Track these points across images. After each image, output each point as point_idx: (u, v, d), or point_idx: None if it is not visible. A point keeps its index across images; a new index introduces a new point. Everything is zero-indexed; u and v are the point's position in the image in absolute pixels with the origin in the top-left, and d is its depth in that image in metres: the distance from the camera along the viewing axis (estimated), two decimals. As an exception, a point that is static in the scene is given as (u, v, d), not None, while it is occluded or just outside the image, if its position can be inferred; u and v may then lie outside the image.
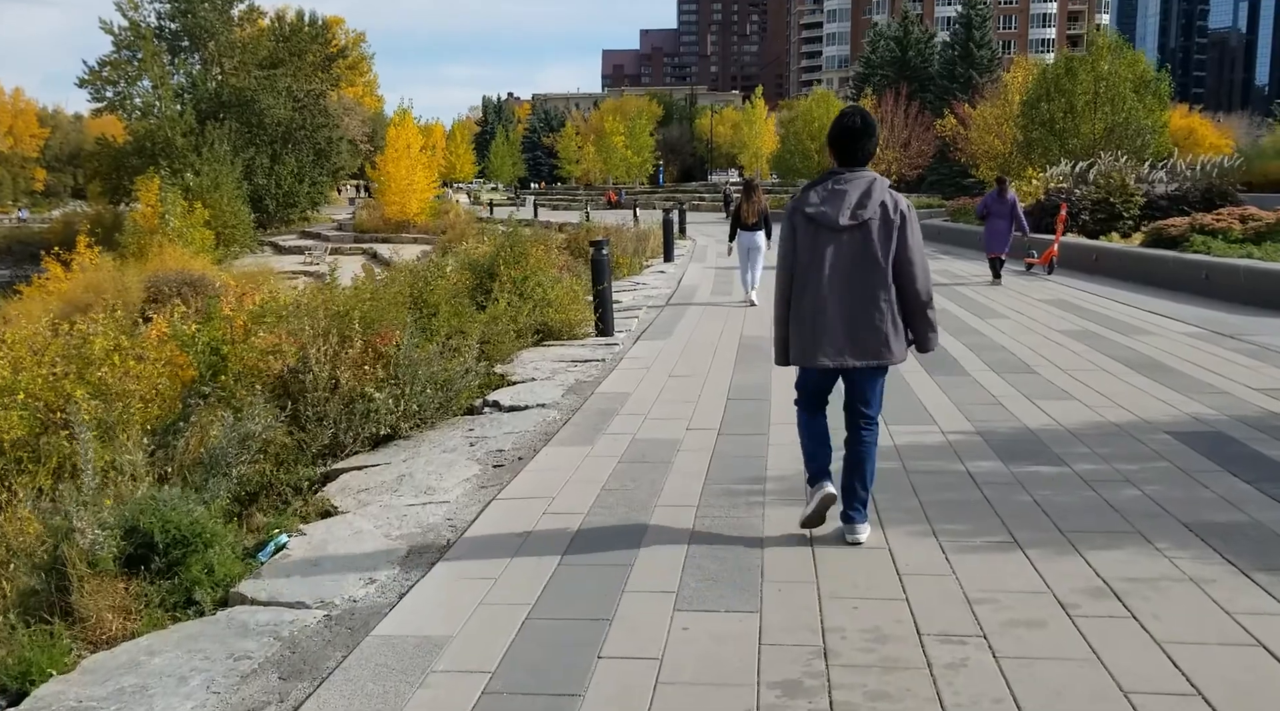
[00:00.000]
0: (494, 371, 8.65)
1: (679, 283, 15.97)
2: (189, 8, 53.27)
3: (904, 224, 3.97)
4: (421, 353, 6.91)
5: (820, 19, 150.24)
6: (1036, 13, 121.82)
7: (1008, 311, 11.59)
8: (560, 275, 12.27)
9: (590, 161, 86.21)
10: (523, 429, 6.57)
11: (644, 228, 25.89)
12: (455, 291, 10.30)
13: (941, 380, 7.58)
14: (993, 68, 66.14)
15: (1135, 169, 19.11)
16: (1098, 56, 23.26)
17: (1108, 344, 9.03)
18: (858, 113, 4.11)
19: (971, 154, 29.88)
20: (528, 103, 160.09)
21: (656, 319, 11.83)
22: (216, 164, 46.37)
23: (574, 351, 9.61)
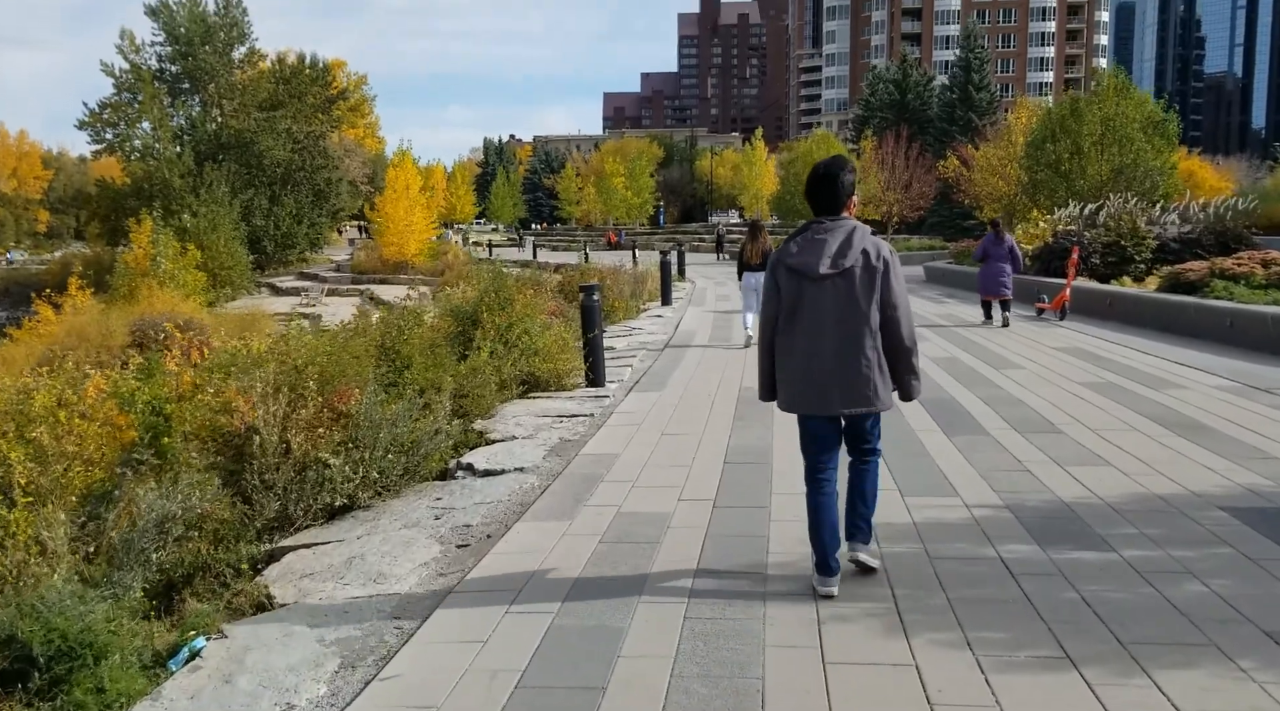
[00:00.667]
0: (472, 428, 8.00)
1: (676, 328, 15.35)
2: (190, 51, 53.54)
3: (887, 271, 3.99)
4: (386, 411, 6.26)
5: (819, 63, 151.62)
6: (1034, 57, 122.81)
7: (1022, 361, 10.95)
8: (550, 321, 11.65)
9: (590, 202, 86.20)
10: (496, 498, 5.89)
11: (642, 269, 25.35)
12: (433, 340, 9.68)
13: (960, 441, 6.90)
14: (992, 111, 66.21)
15: (1146, 211, 18.58)
16: (1104, 97, 22.88)
17: (1135, 399, 8.37)
18: (824, 162, 4.14)
19: (975, 195, 29.42)
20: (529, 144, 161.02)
21: (651, 367, 11.18)
22: (214, 205, 46.31)
23: (561, 405, 8.96)
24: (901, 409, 8.10)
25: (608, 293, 17.18)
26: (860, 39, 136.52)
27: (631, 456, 6.74)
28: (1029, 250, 19.31)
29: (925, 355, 11.56)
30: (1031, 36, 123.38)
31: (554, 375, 9.93)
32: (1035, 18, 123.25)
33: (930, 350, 12.01)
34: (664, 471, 6.28)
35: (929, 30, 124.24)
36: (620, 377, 10.47)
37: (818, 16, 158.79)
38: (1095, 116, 22.56)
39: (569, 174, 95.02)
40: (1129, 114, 22.35)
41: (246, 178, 52.09)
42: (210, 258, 44.29)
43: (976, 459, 6.37)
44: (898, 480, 5.87)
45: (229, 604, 4.61)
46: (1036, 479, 5.82)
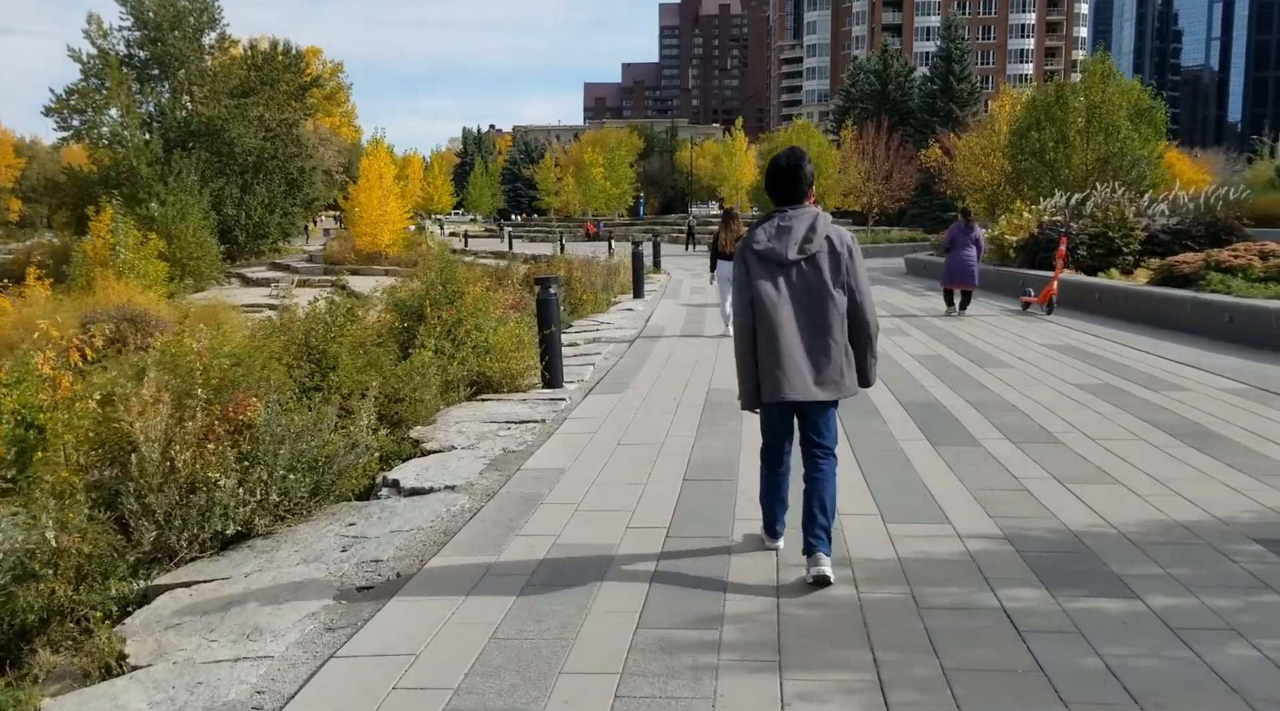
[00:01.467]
0: (408, 436, 7.20)
1: (646, 322, 14.57)
2: (159, 36, 52.36)
3: (851, 257, 4.07)
4: (292, 422, 5.45)
5: (800, 54, 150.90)
6: (1014, 48, 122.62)
7: (1010, 359, 10.24)
8: (508, 316, 10.85)
9: (569, 193, 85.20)
10: (417, 524, 5.10)
11: (616, 261, 24.56)
12: (373, 338, 8.86)
13: (947, 453, 6.17)
14: (973, 101, 65.77)
15: (1134, 201, 17.95)
16: (1090, 84, 22.20)
17: (1137, 403, 7.67)
18: (784, 154, 4.18)
19: (957, 185, 28.74)
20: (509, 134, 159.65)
21: (615, 366, 10.40)
22: (183, 194, 45.28)
23: (511, 409, 8.16)
24: (882, 415, 7.38)
25: (576, 285, 16.40)
26: (841, 30, 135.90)
27: (580, 472, 5.96)
28: (1013, 241, 18.65)
29: (907, 352, 10.85)
30: (1011, 28, 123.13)
31: (507, 375, 9.14)
32: (1015, 9, 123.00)
33: (912, 346, 11.29)
34: (614, 491, 5.50)
35: (910, 21, 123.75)
36: (581, 377, 9.69)
37: (799, 7, 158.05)
38: (1081, 104, 21.90)
39: (548, 164, 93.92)
40: (1115, 101, 21.69)
41: (218, 166, 51.11)
42: (178, 247, 43.33)
43: (968, 475, 5.63)
44: (879, 501, 5.13)
45: (71, 666, 3.80)
46: (1037, 501, 5.09)
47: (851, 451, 6.26)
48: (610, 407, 8.07)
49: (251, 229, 53.97)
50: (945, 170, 30.03)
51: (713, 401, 8.17)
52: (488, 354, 9.23)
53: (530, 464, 6.22)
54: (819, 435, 4.13)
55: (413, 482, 5.89)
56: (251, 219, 53.37)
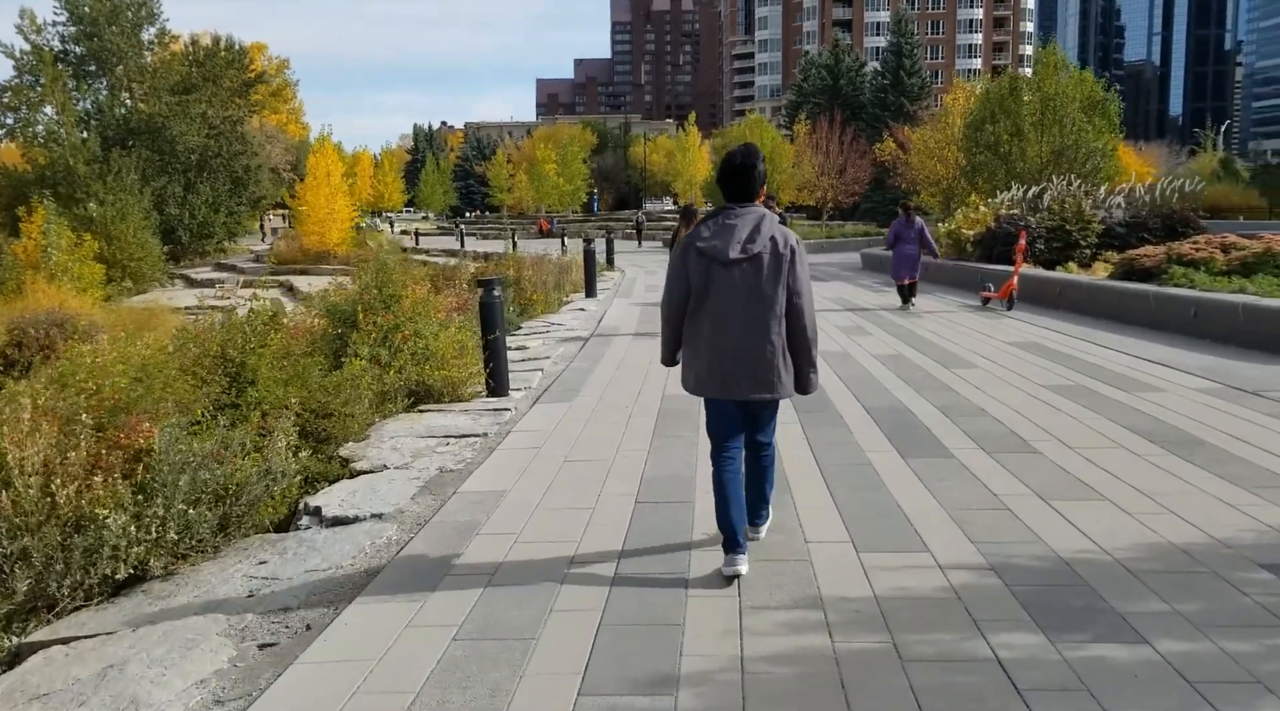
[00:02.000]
0: (336, 455, 6.62)
1: (598, 323, 14.05)
2: (95, 31, 50.78)
3: (794, 259, 4.01)
4: (201, 446, 4.86)
5: (752, 49, 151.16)
6: (962, 43, 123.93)
7: (975, 358, 9.89)
8: (451, 319, 10.27)
9: (522, 189, 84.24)
10: (337, 561, 4.55)
11: (569, 258, 24.03)
12: (304, 346, 8.26)
13: (919, 466, 5.74)
14: (924, 96, 66.07)
15: (1090, 194, 17.80)
16: (1044, 75, 22.07)
17: (1111, 406, 7.32)
18: (739, 151, 4.14)
19: (912, 179, 28.57)
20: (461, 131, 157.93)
21: (564, 372, 9.88)
22: (123, 193, 43.97)
23: (452, 421, 7.61)
24: (847, 423, 6.95)
25: (526, 285, 15.84)
26: (792, 25, 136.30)
27: (522, 494, 5.44)
28: (970, 235, 18.43)
29: (869, 352, 10.47)
30: (960, 23, 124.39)
31: (449, 384, 8.57)
32: (963, 5, 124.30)
33: (873, 345, 10.91)
34: (559, 517, 4.99)
35: (860, 16, 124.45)
36: (528, 384, 9.15)
37: (750, 3, 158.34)
38: (1035, 96, 21.76)
39: (500, 160, 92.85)
40: (1069, 93, 21.58)
41: (159, 164, 49.78)
42: (118, 249, 42.13)
43: (943, 492, 5.20)
44: (850, 526, 4.67)
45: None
46: (1021, 522, 4.67)
47: (817, 466, 5.82)
48: (558, 418, 7.55)
49: (196, 228, 52.74)
50: (900, 164, 29.83)
51: (667, 409, 7.69)
52: (428, 361, 8.66)
53: (468, 486, 5.69)
54: (759, 432, 4.28)
55: (336, 510, 5.32)
56: (195, 218, 52.15)
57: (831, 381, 8.70)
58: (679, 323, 4.19)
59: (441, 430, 7.29)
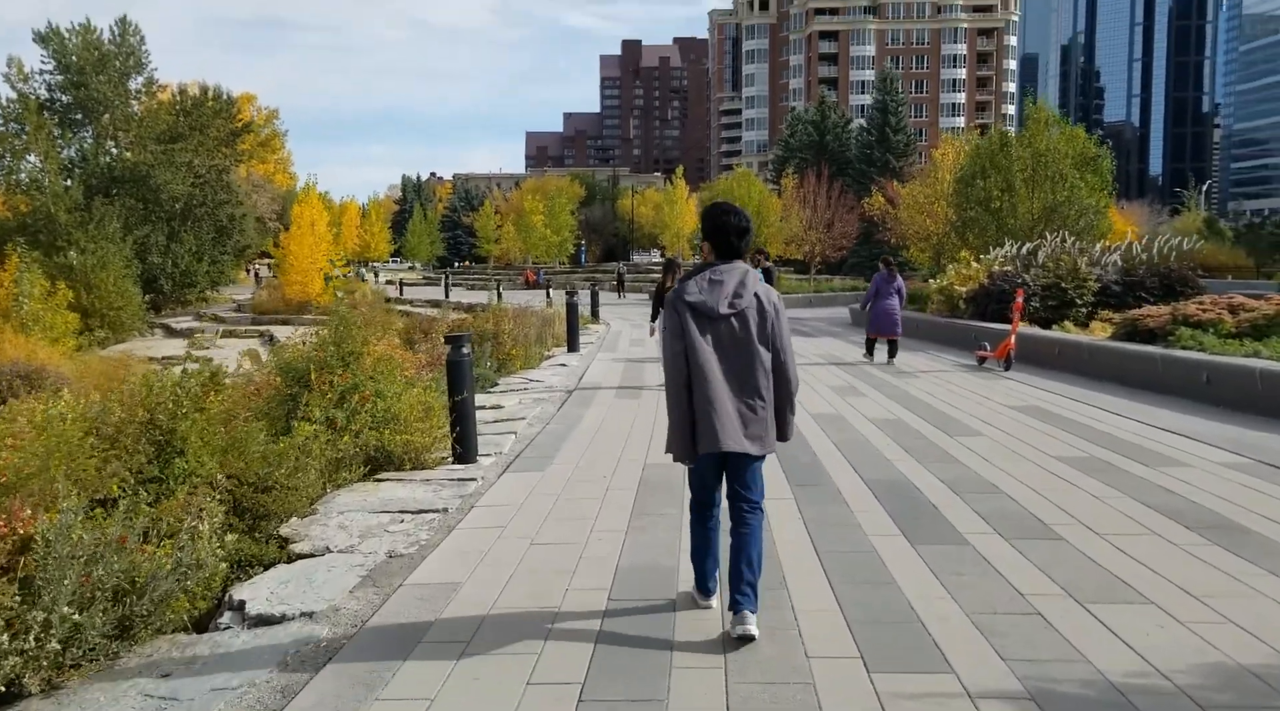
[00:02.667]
0: (276, 534, 5.91)
1: (579, 379, 13.40)
2: (82, 80, 50.67)
3: (777, 315, 4.12)
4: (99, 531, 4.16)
5: (739, 105, 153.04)
6: (946, 102, 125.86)
7: (977, 424, 9.27)
8: (418, 377, 9.61)
9: (510, 240, 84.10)
10: (251, 677, 3.83)
11: (553, 310, 23.45)
12: (260, 406, 7.60)
13: (930, 554, 5.08)
14: (909, 153, 66.51)
15: (1086, 251, 17.39)
16: (1034, 131, 21.84)
17: (1134, 483, 6.69)
18: (738, 212, 4.22)
19: (902, 234, 28.22)
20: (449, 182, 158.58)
21: (540, 434, 9.20)
22: (104, 242, 43.48)
23: (410, 493, 6.91)
24: (846, 499, 6.29)
25: (505, 339, 15.18)
26: (779, 83, 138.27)
27: (478, 589, 4.73)
28: (963, 292, 17.96)
29: (864, 415, 9.84)
30: (943, 82, 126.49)
31: (411, 450, 7.87)
32: (947, 64, 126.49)
33: (868, 408, 10.29)
34: (517, 622, 4.28)
35: (845, 74, 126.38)
36: (499, 448, 8.47)
37: (737, 60, 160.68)
38: (1026, 151, 21.50)
39: (487, 211, 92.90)
40: (1061, 149, 21.34)
41: (143, 213, 49.41)
42: (98, 297, 41.62)
43: (961, 589, 4.53)
44: (857, 634, 3.99)
45: None
46: (1056, 632, 3.99)
47: (815, 552, 5.15)
48: (528, 490, 6.87)
49: (178, 277, 52.24)
50: (890, 218, 29.53)
51: (649, 480, 7.02)
52: (389, 425, 7.97)
53: (418, 576, 4.99)
54: (747, 489, 4.14)
55: (263, 606, 4.61)
56: (178, 267, 51.66)
57: (826, 448, 8.05)
58: (690, 389, 4.02)
59: (398, 504, 6.59)
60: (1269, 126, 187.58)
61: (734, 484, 4.15)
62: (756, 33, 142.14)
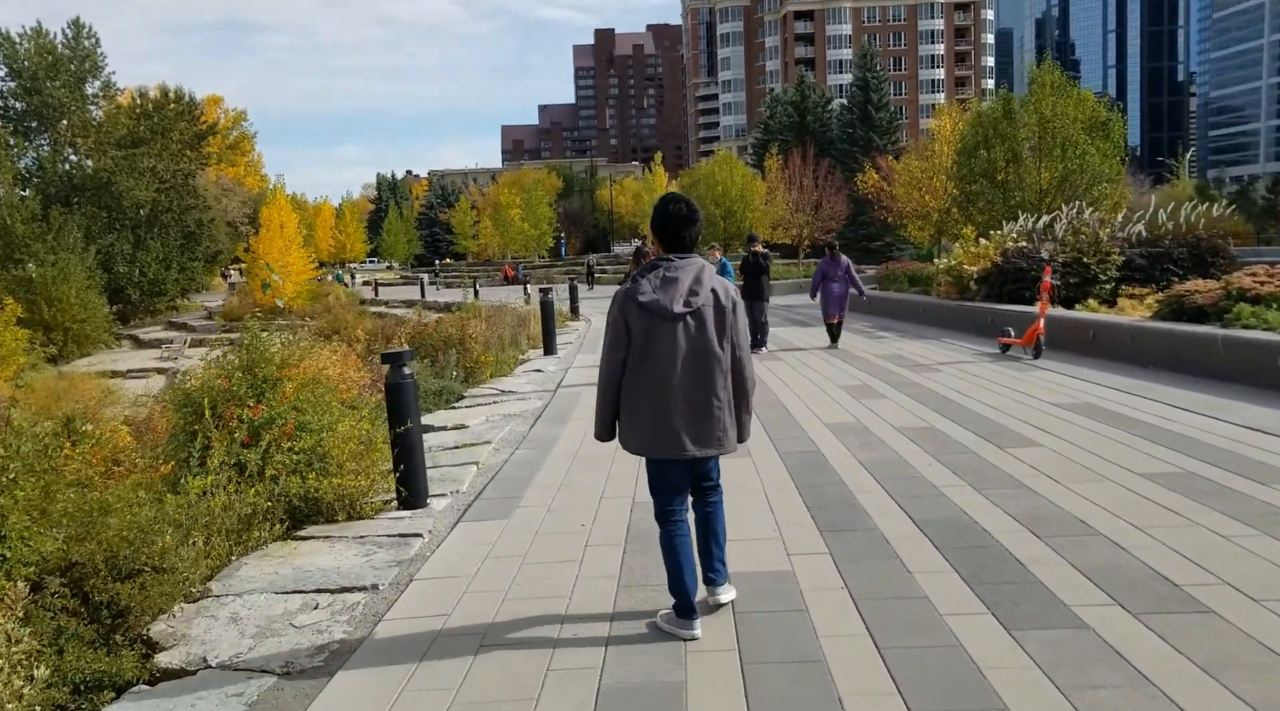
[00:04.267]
0: (144, 636, 4.39)
1: (555, 389, 11.88)
2: (35, 86, 48.71)
3: (735, 310, 3.95)
4: None
5: (716, 90, 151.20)
6: (925, 78, 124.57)
7: (1028, 430, 7.81)
8: (362, 398, 8.09)
9: (487, 236, 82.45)
10: None
11: (530, 307, 21.91)
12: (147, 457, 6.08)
13: (1038, 647, 3.61)
14: (892, 130, 65.16)
15: (1108, 222, 15.96)
16: (1040, 96, 20.35)
17: (1264, 512, 5.23)
18: (681, 200, 4.04)
19: (899, 212, 26.69)
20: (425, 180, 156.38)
21: (506, 464, 7.69)
22: (65, 253, 41.72)
23: (336, 558, 5.40)
24: (897, 552, 4.83)
25: (473, 344, 13.62)
26: (755, 65, 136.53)
27: (397, 739, 3.23)
28: (973, 272, 16.50)
29: (890, 424, 8.38)
30: (922, 59, 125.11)
31: (346, 496, 6.35)
32: (924, 40, 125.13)
33: (893, 413, 8.81)
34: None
35: (822, 54, 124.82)
36: (457, 486, 6.97)
37: (711, 44, 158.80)
38: (1032, 118, 20.01)
39: (464, 207, 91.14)
40: (1069, 113, 19.87)
41: (106, 221, 47.70)
42: (60, 311, 40.00)
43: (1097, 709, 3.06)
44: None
45: None
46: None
47: (874, 645, 3.68)
48: (485, 550, 5.37)
49: (146, 286, 50.53)
50: (884, 196, 27.95)
51: (639, 528, 5.53)
52: (319, 464, 6.46)
53: (323, 702, 3.48)
54: (705, 479, 4.13)
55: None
56: (146, 276, 49.96)
57: (855, 473, 6.58)
58: (619, 389, 3.95)
59: (316, 578, 5.07)
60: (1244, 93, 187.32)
61: (697, 481, 4.10)
62: (730, 16, 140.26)
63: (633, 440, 3.97)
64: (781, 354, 14.38)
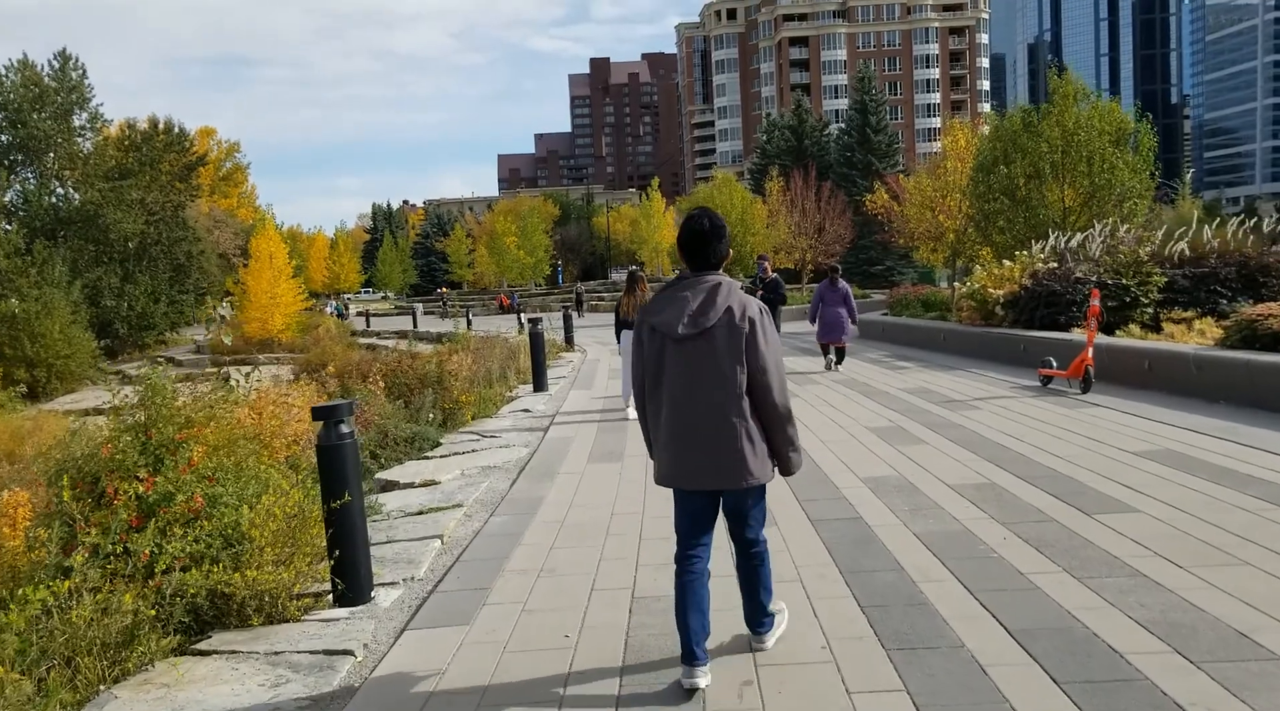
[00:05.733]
0: None
1: (545, 433, 10.49)
2: (19, 118, 47.70)
3: (754, 331, 3.58)
4: None
5: (711, 117, 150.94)
6: (921, 103, 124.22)
7: (1116, 489, 6.43)
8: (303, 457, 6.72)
9: (483, 264, 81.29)
10: None
11: (522, 338, 20.57)
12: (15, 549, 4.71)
13: None
14: (891, 153, 64.15)
15: (1148, 240, 14.65)
16: (1062, 107, 19.10)
17: None
18: (706, 215, 3.75)
19: (910, 234, 25.37)
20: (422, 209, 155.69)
21: (478, 537, 6.29)
22: (49, 287, 40.56)
23: (231, 694, 4.00)
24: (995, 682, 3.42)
25: (452, 383, 12.22)
26: (750, 91, 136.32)
27: None
28: (998, 296, 15.16)
29: (941, 478, 6.99)
30: (917, 83, 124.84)
31: (263, 593, 4.97)
32: (919, 65, 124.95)
33: (940, 464, 7.41)
34: None
35: (817, 79, 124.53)
36: (413, 569, 5.58)
37: (706, 72, 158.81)
38: (1055, 131, 18.76)
39: (459, 235, 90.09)
40: (1095, 125, 18.62)
41: (94, 254, 46.62)
42: (43, 347, 38.72)
43: None
44: None
45: None
46: None
47: None
48: (433, 682, 3.98)
49: (134, 320, 49.31)
50: (894, 217, 26.66)
51: (642, 642, 4.14)
52: (234, 547, 5.08)
53: None
54: (745, 527, 3.74)
55: None
56: (134, 310, 48.78)
57: (912, 552, 5.19)
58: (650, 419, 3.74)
59: (196, 729, 3.68)
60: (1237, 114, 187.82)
61: (729, 520, 3.77)
62: (725, 42, 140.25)
63: (657, 468, 3.72)
64: (795, 388, 13.02)
